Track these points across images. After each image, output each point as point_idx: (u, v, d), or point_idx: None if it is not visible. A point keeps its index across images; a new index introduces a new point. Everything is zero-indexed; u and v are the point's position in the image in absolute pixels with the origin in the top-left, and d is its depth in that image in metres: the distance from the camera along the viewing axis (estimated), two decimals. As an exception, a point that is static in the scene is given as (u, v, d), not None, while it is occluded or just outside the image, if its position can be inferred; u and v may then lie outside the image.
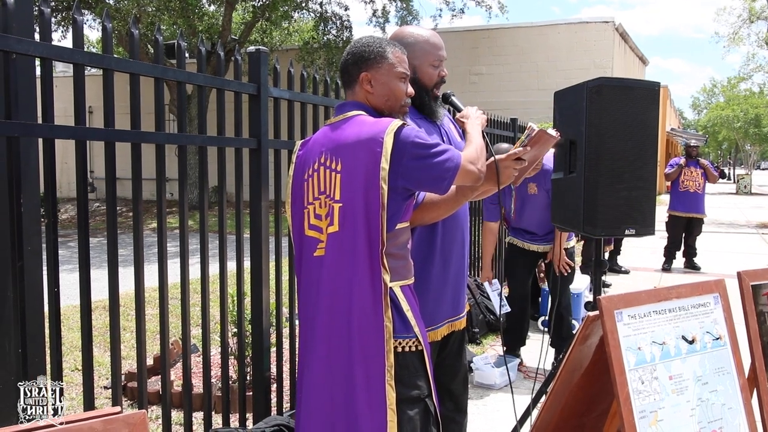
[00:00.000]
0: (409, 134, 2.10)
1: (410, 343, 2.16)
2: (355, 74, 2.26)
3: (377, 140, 2.08)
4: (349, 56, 2.27)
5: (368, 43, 2.26)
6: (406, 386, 2.14)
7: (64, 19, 17.89)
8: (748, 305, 2.67)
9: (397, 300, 2.13)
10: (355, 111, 2.24)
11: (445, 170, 2.10)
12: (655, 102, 2.85)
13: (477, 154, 2.21)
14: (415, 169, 2.09)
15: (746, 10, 19.56)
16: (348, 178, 2.12)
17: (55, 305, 2.38)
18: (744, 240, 13.00)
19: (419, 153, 2.09)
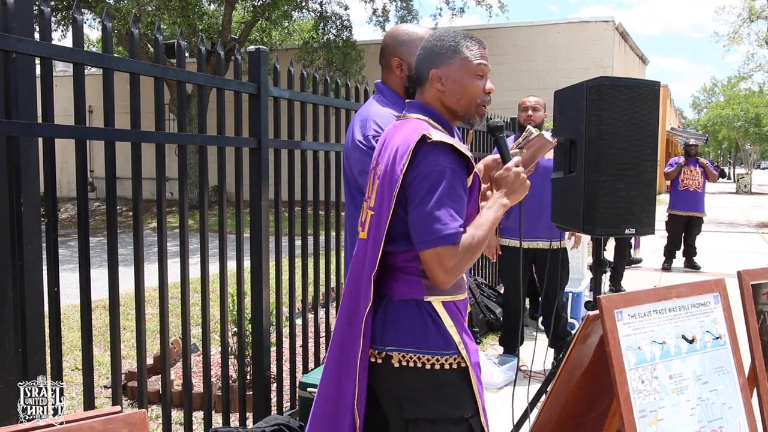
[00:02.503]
0: (436, 157, 1.88)
1: (451, 360, 1.97)
2: (426, 72, 2.05)
3: (405, 149, 1.91)
4: (421, 52, 2.08)
5: (441, 37, 2.06)
6: (447, 405, 1.97)
7: (64, 19, 17.89)
8: (748, 304, 2.68)
9: (438, 316, 1.96)
10: (417, 114, 2.06)
11: (428, 231, 1.86)
12: (655, 101, 2.85)
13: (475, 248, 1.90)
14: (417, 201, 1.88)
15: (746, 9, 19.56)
16: (380, 186, 1.98)
17: (55, 305, 2.38)
18: (744, 239, 13.00)
19: (430, 184, 1.87)
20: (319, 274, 3.94)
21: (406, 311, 1.98)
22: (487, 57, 2.08)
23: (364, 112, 2.47)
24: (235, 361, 3.93)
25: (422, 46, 2.09)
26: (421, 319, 1.97)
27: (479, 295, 6.08)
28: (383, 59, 2.53)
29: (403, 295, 1.98)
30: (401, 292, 1.99)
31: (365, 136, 2.36)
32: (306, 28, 22.76)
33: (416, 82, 2.11)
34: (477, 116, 2.09)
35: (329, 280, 4.04)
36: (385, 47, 2.53)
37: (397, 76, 2.50)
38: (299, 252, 4.05)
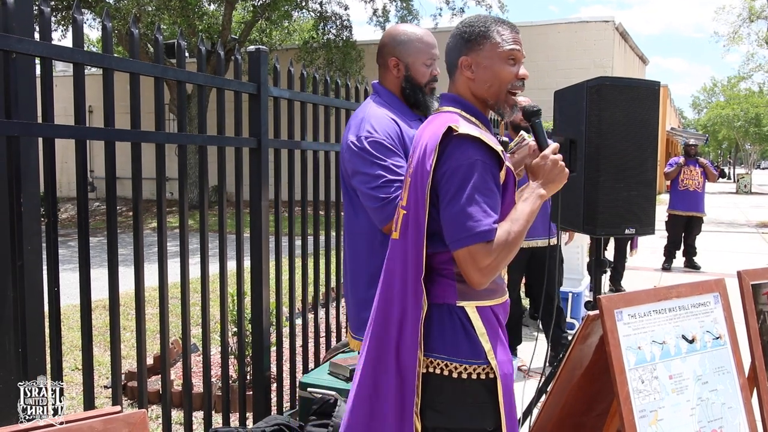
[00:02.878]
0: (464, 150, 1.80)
1: (479, 370, 1.87)
2: (456, 59, 1.97)
3: (433, 143, 1.83)
4: (451, 39, 1.99)
5: (471, 23, 1.96)
6: (470, 416, 1.89)
7: (64, 19, 17.89)
8: (748, 304, 2.68)
9: (470, 322, 1.87)
10: (448, 107, 1.98)
11: (461, 229, 1.78)
12: (655, 101, 2.85)
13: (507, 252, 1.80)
14: (449, 197, 1.80)
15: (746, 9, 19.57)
16: (413, 186, 1.89)
17: (55, 305, 2.38)
18: (744, 239, 13.00)
19: (460, 179, 1.79)
20: (319, 274, 3.94)
21: (438, 316, 1.89)
22: (520, 42, 1.96)
23: (360, 113, 2.47)
24: (235, 361, 3.93)
25: (452, 34, 2.00)
26: (451, 325, 1.88)
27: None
28: (380, 58, 2.53)
29: (437, 299, 1.89)
30: (435, 295, 1.90)
31: (358, 137, 2.36)
32: (306, 28, 22.77)
33: (448, 71, 2.03)
34: (506, 106, 1.99)
35: (329, 280, 4.04)
36: (382, 46, 2.53)
37: (393, 76, 2.50)
38: (299, 252, 4.05)
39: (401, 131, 2.38)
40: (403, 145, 2.36)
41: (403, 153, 2.36)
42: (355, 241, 2.48)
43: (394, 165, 2.30)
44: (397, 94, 2.51)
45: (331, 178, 3.98)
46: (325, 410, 3.04)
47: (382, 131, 2.34)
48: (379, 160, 2.29)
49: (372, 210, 2.32)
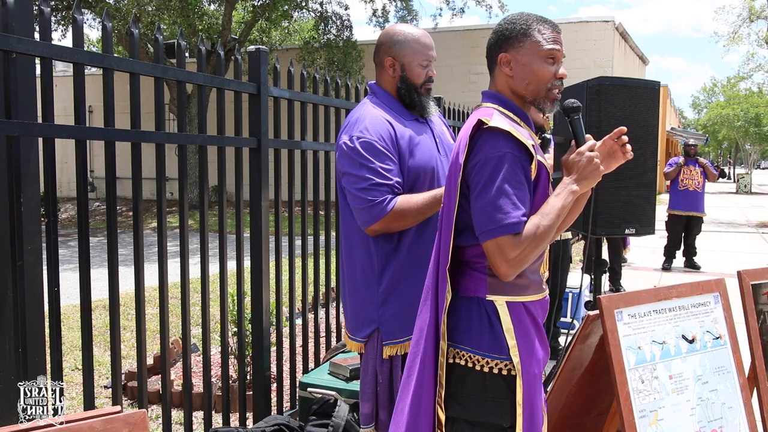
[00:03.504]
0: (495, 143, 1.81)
1: (501, 365, 1.87)
2: (496, 55, 1.98)
3: (465, 141, 1.85)
4: (492, 35, 2.00)
5: (513, 20, 1.97)
6: (487, 410, 1.90)
7: (64, 19, 17.89)
8: (748, 304, 2.68)
9: (497, 316, 1.88)
10: (487, 102, 1.99)
11: (489, 220, 1.78)
12: (655, 101, 2.85)
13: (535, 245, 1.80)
14: (478, 190, 1.82)
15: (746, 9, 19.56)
16: (447, 180, 1.93)
17: (55, 305, 2.38)
18: (744, 239, 13.00)
19: (490, 171, 1.80)
20: (319, 274, 3.94)
21: (467, 308, 1.91)
22: (560, 41, 1.98)
23: (356, 113, 2.47)
24: (235, 361, 3.93)
25: (493, 30, 2.01)
26: (478, 318, 1.90)
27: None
28: (377, 57, 2.53)
29: (468, 292, 1.92)
30: (466, 288, 1.93)
31: (350, 138, 2.36)
32: (306, 28, 22.77)
33: (488, 67, 2.04)
34: (548, 102, 1.99)
35: (329, 280, 4.04)
36: (379, 46, 2.52)
37: (389, 76, 2.50)
38: (299, 252, 4.05)
39: (395, 133, 2.37)
40: (397, 146, 2.36)
41: (396, 155, 2.35)
42: (351, 241, 2.47)
43: (382, 168, 2.29)
44: (393, 94, 2.51)
45: (331, 178, 3.98)
46: (325, 410, 3.04)
47: (375, 132, 2.33)
48: (368, 162, 2.29)
49: (357, 211, 2.33)
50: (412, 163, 2.37)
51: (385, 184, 2.27)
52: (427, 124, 2.55)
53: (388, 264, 2.38)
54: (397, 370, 2.39)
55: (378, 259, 2.38)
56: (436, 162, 2.46)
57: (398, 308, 2.38)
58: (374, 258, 2.39)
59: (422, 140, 2.45)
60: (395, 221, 2.29)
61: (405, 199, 2.28)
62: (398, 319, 2.38)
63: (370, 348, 2.43)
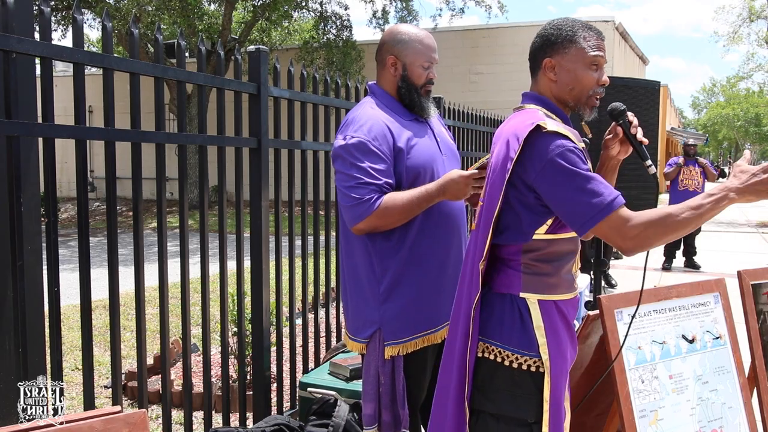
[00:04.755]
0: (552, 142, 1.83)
1: (530, 362, 1.90)
2: (540, 59, 2.01)
3: (516, 139, 1.86)
4: (537, 39, 2.03)
5: (559, 26, 2.00)
6: (514, 405, 1.93)
7: (64, 18, 17.89)
8: (748, 304, 2.68)
9: (528, 313, 1.91)
10: (530, 104, 2.03)
11: (590, 207, 1.79)
12: (655, 101, 2.86)
13: (663, 231, 1.78)
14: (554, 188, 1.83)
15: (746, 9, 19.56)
16: (491, 178, 1.94)
17: (56, 304, 2.38)
18: (744, 239, 13.00)
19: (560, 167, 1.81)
20: (319, 274, 3.94)
21: (500, 304, 1.95)
22: (604, 48, 2.01)
23: (353, 112, 2.47)
24: (235, 361, 3.94)
25: (538, 34, 2.03)
26: (510, 314, 1.93)
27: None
28: (379, 55, 2.53)
29: (502, 288, 1.96)
30: (500, 285, 1.97)
31: (344, 137, 2.36)
32: (306, 28, 22.78)
33: (531, 69, 2.06)
34: (587, 108, 2.04)
35: (329, 279, 4.04)
36: (382, 44, 2.52)
37: (390, 75, 2.50)
38: (299, 252, 4.05)
39: (392, 133, 2.37)
40: (394, 147, 2.36)
41: (391, 156, 2.35)
42: (350, 241, 2.47)
43: (372, 168, 2.29)
44: (393, 93, 2.51)
45: (330, 178, 3.98)
46: (325, 410, 3.04)
47: (369, 133, 2.33)
48: (358, 161, 2.29)
49: (344, 209, 2.34)
50: (410, 162, 2.37)
51: (373, 183, 2.27)
52: (426, 124, 2.55)
53: (388, 264, 2.37)
54: (399, 370, 2.39)
55: (377, 259, 2.38)
56: (438, 162, 2.46)
57: (399, 308, 2.38)
58: (373, 258, 2.39)
59: (422, 140, 2.45)
60: (381, 219, 2.28)
61: (391, 197, 2.28)
62: (399, 320, 2.38)
63: (371, 349, 2.43)
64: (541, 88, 2.03)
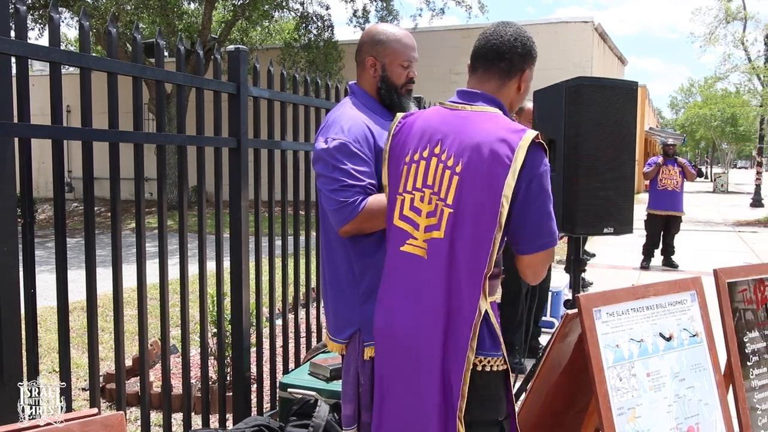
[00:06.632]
0: (543, 158, 1.86)
1: (497, 363, 1.93)
2: (518, 67, 2.00)
3: (509, 149, 1.82)
4: (518, 43, 1.99)
5: (532, 39, 2.02)
6: (485, 408, 1.93)
7: (41, 17, 17.71)
8: (724, 302, 2.71)
9: (489, 316, 1.90)
10: (491, 107, 1.98)
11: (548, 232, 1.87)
12: (633, 101, 2.88)
13: None
14: (531, 204, 1.84)
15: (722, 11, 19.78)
16: (465, 184, 1.87)
17: (32, 306, 2.35)
18: (721, 238, 13.15)
19: (544, 186, 1.84)
20: (299, 275, 3.93)
21: None
22: None
23: (334, 113, 2.46)
24: (214, 362, 3.91)
25: (518, 39, 2.01)
26: (485, 320, 1.91)
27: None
28: (359, 56, 2.52)
29: None
30: None
31: (325, 140, 2.35)
32: (287, 28, 22.71)
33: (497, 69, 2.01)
34: None
35: (309, 280, 4.03)
36: (361, 45, 2.52)
37: (370, 76, 2.49)
38: (279, 252, 4.04)
39: (373, 134, 2.36)
40: (374, 147, 2.35)
41: (372, 157, 2.34)
42: (330, 242, 2.47)
43: (354, 170, 2.28)
44: (374, 94, 2.50)
45: (311, 178, 3.97)
46: (305, 411, 3.03)
47: (350, 134, 2.32)
48: (340, 163, 2.28)
49: (329, 212, 2.33)
50: None
51: (356, 185, 2.26)
52: None
53: (368, 265, 2.37)
54: None
55: (357, 259, 2.38)
56: None
57: None
58: (353, 259, 2.38)
59: None
60: (367, 222, 2.28)
61: (376, 199, 2.27)
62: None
63: (351, 349, 2.43)
64: (503, 93, 2.02)
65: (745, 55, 19.81)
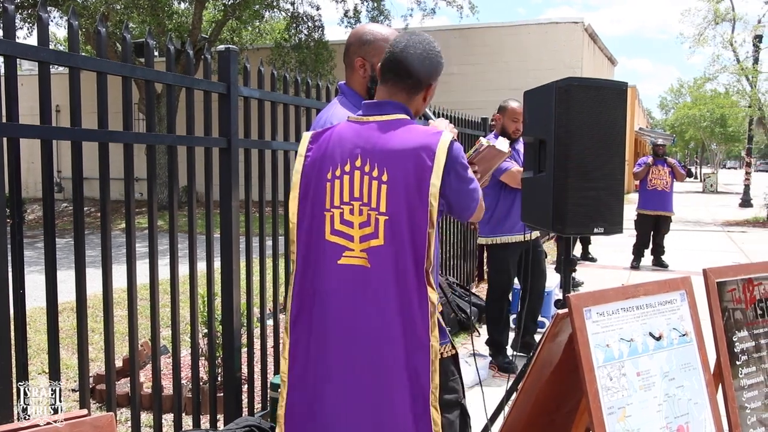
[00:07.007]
0: (459, 153, 2.04)
1: (447, 348, 2.17)
2: (425, 83, 2.14)
3: (429, 152, 1.98)
4: (426, 62, 2.11)
5: (440, 53, 2.15)
6: (445, 391, 2.12)
7: (30, 16, 17.61)
8: (713, 302, 2.72)
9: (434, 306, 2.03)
10: (400, 114, 2.10)
11: (473, 200, 2.09)
12: (623, 102, 2.89)
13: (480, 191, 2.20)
14: (455, 191, 2.04)
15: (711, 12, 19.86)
16: (394, 190, 1.99)
17: (21, 307, 2.34)
18: (710, 238, 13.22)
19: (462, 175, 2.05)
20: (289, 275, 3.92)
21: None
22: None
23: (324, 114, 2.46)
24: (205, 363, 3.90)
25: (427, 54, 2.10)
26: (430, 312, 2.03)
27: (450, 294, 6.10)
28: (347, 58, 2.51)
29: None
30: None
31: None
32: (278, 28, 22.67)
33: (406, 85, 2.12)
34: None
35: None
36: (349, 46, 2.51)
37: (359, 76, 2.48)
38: (270, 252, 4.03)
39: None
40: None
41: None
42: None
43: None
44: (363, 94, 2.50)
45: (302, 178, 3.96)
46: (296, 411, 3.02)
47: None
48: None
49: None
50: None
51: None
52: None
53: None
54: None
55: None
56: None
57: None
58: None
59: None
60: None
61: None
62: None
63: None
64: (412, 104, 2.15)
65: (734, 56, 19.91)
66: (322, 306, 2.10)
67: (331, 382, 2.07)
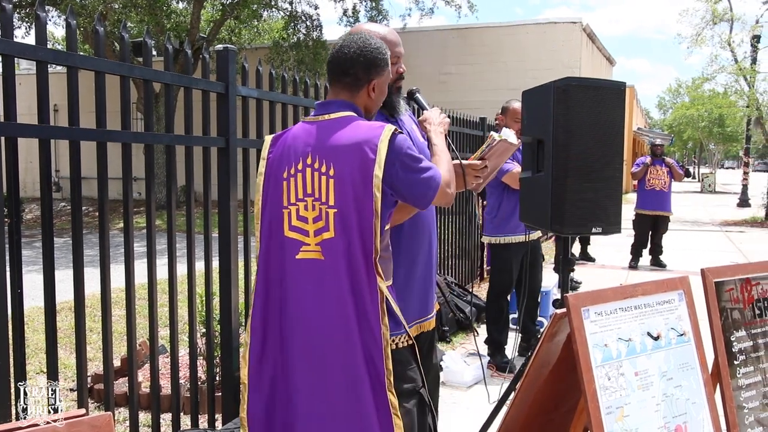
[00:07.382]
0: (403, 144, 2.10)
1: (403, 339, 2.24)
2: (365, 80, 2.20)
3: (371, 146, 2.06)
4: (361, 59, 2.17)
5: (379, 48, 2.20)
6: (402, 380, 2.18)
7: (28, 16, 17.58)
8: (711, 302, 2.72)
9: (387, 300, 2.11)
10: (345, 112, 2.18)
11: (428, 188, 2.13)
12: (621, 102, 2.89)
13: (450, 176, 2.26)
14: (403, 181, 2.09)
15: (709, 12, 19.84)
16: (341, 184, 2.08)
17: (19, 306, 2.34)
18: (708, 238, 13.23)
19: (410, 165, 2.09)
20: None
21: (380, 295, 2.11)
22: None
23: None
24: (203, 362, 3.90)
25: (360, 53, 2.18)
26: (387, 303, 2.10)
27: (449, 294, 6.10)
28: None
29: None
30: None
31: None
32: (276, 27, 22.66)
33: (344, 84, 2.21)
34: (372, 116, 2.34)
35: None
36: None
37: None
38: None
39: None
40: None
41: None
42: None
43: None
44: None
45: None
46: (294, 411, 3.02)
47: None
48: None
49: None
50: None
51: None
52: (396, 122, 2.55)
53: None
54: None
55: None
56: None
57: None
58: None
59: None
60: None
61: None
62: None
63: None
64: (357, 101, 2.22)
65: (732, 56, 19.91)
66: (282, 302, 2.18)
67: (293, 377, 2.14)
